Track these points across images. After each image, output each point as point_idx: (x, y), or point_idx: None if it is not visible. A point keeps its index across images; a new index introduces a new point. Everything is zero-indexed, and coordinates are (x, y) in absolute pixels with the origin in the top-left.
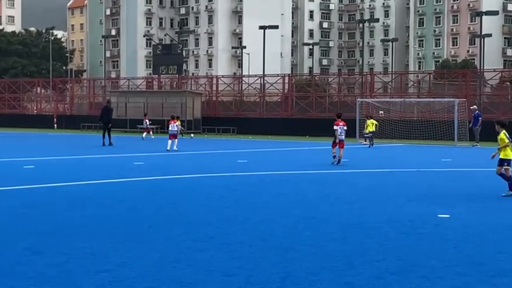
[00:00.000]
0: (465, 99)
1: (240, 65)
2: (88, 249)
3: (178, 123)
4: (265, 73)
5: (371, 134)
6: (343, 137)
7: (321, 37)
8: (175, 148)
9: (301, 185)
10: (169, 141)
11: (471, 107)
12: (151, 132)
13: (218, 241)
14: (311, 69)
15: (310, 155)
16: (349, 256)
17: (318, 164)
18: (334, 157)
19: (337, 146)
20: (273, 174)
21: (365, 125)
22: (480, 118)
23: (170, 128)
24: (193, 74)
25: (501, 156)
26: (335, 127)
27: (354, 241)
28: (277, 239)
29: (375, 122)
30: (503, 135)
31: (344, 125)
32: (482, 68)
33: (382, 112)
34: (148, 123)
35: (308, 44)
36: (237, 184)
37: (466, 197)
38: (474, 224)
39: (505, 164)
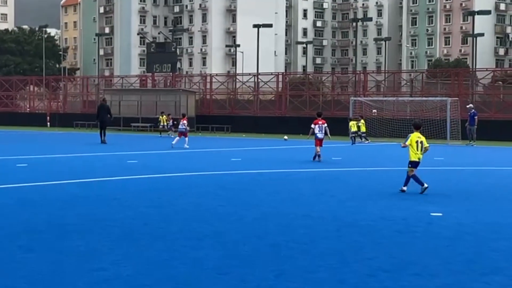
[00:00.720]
0: (457, 98)
1: (234, 64)
2: (82, 247)
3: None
4: (259, 71)
5: (354, 135)
6: (321, 135)
7: (315, 35)
8: (173, 143)
9: (295, 183)
10: (185, 138)
11: (467, 106)
12: (173, 130)
13: (212, 239)
14: (304, 67)
15: (304, 153)
16: (343, 254)
17: (312, 163)
18: (319, 156)
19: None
20: (267, 172)
21: (357, 126)
22: (475, 117)
23: (179, 126)
24: (187, 72)
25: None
26: (312, 126)
27: (348, 239)
28: (272, 237)
29: (355, 122)
30: (413, 136)
31: (323, 124)
32: (474, 67)
33: (375, 110)
34: (170, 123)
35: (302, 43)
36: (231, 182)
37: (459, 195)
38: (467, 223)
39: (410, 165)
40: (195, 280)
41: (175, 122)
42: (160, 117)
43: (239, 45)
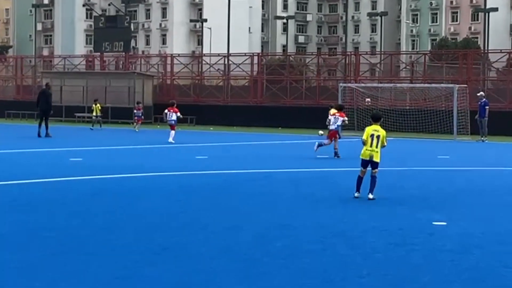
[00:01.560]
0: (466, 85)
1: (200, 42)
2: (16, 262)
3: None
4: (230, 52)
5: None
6: (333, 127)
7: (297, 9)
8: (170, 140)
9: (273, 186)
10: (171, 131)
11: (478, 94)
12: (139, 123)
13: (172, 253)
14: (284, 47)
15: (284, 150)
16: (328, 271)
17: (293, 161)
18: (320, 145)
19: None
20: (240, 173)
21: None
22: (487, 107)
23: (168, 118)
24: (143, 52)
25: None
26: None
27: (334, 252)
28: (244, 250)
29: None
30: (369, 129)
31: (340, 116)
32: (486, 48)
33: (368, 99)
34: (141, 113)
35: (282, 18)
36: (195, 184)
37: (466, 201)
38: (474, 233)
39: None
40: None
41: (142, 116)
42: (94, 105)
43: (206, 20)
